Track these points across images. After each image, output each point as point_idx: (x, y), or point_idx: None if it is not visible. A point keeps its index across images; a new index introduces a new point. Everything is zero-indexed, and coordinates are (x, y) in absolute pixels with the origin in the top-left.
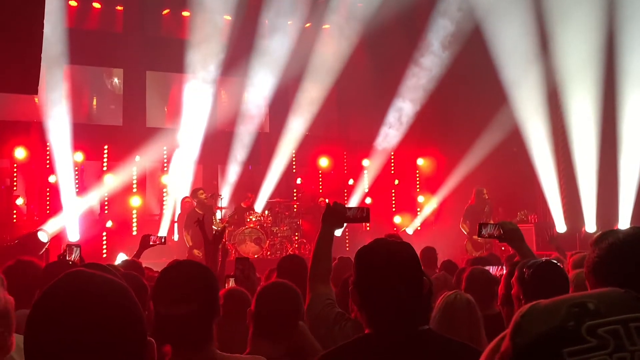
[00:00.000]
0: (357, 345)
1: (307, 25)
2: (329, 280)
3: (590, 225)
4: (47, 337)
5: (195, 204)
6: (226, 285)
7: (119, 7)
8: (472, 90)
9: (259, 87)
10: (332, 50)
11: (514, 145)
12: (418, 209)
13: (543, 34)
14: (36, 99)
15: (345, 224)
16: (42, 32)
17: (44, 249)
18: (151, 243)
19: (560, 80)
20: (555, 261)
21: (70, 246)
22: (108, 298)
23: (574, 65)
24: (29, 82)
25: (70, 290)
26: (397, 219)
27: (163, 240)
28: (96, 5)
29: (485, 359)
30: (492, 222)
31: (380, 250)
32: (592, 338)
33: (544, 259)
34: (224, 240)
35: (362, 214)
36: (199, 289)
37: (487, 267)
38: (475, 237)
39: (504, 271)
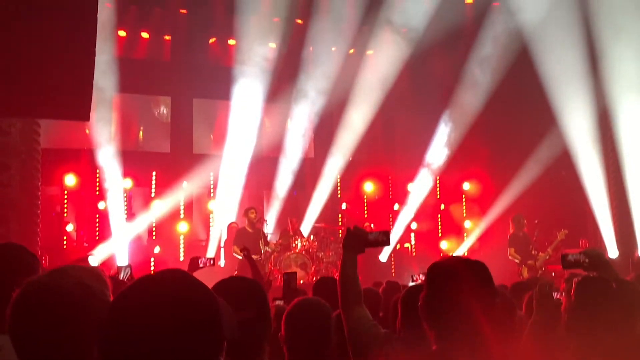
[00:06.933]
0: None
1: (351, 51)
2: (362, 302)
3: None
4: (123, 332)
5: (246, 222)
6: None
7: (166, 37)
8: (519, 113)
9: (304, 112)
10: (376, 75)
11: (563, 169)
12: (465, 234)
13: (593, 54)
14: (87, 129)
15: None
16: (94, 62)
17: None
18: (201, 265)
19: (610, 102)
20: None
21: (120, 267)
22: (193, 299)
23: (625, 86)
24: (81, 109)
25: (158, 287)
26: (444, 244)
27: (212, 262)
28: (144, 35)
29: None
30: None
31: (452, 267)
32: None
33: (594, 274)
34: (269, 267)
35: (383, 238)
36: (252, 299)
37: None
38: (529, 262)
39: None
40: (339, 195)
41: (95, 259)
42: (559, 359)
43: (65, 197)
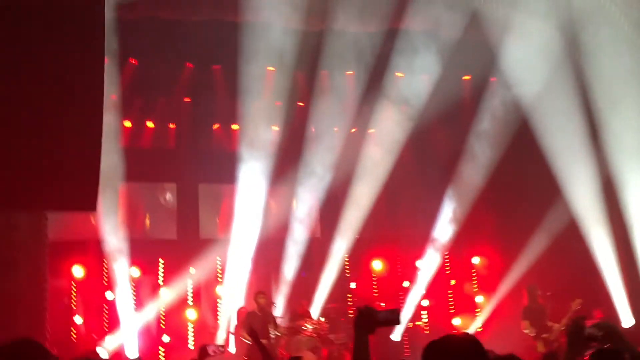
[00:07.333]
0: None
1: (353, 130)
2: None
3: None
4: None
5: (256, 306)
6: None
7: (171, 125)
8: (524, 185)
9: (309, 192)
10: (379, 153)
11: (572, 239)
12: (477, 309)
13: (592, 124)
14: (93, 220)
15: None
16: (100, 152)
17: None
18: (211, 353)
19: (614, 169)
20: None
21: None
22: None
23: (627, 152)
24: (88, 200)
25: None
26: (456, 321)
27: (222, 349)
28: (149, 124)
29: None
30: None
31: (447, 345)
32: None
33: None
34: (280, 352)
35: (393, 317)
36: None
37: None
38: (544, 335)
39: None
40: (347, 275)
41: (104, 351)
42: None
43: (73, 288)
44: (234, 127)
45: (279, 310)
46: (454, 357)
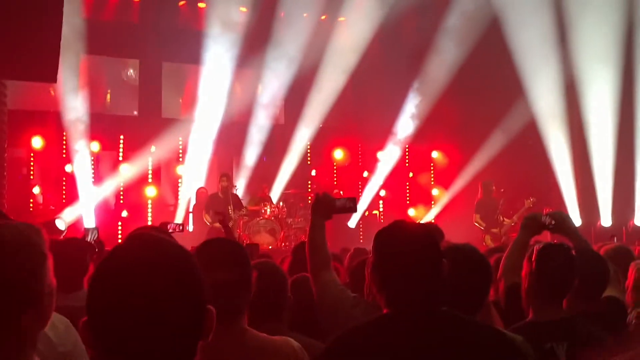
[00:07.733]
0: (375, 324)
1: (323, 17)
2: (331, 267)
3: (606, 219)
4: (109, 296)
5: (219, 188)
6: None
7: None
8: (488, 83)
9: (275, 78)
10: (348, 43)
11: (530, 138)
12: (432, 202)
13: (561, 25)
14: (52, 91)
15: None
16: (61, 22)
17: (62, 237)
18: (170, 231)
19: (578, 72)
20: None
21: (87, 229)
22: (172, 261)
23: (592, 56)
24: (48, 71)
25: (138, 252)
26: (412, 212)
27: (181, 227)
28: None
29: None
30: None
31: (398, 231)
32: None
33: (555, 242)
34: (238, 233)
35: (350, 204)
36: (235, 261)
37: None
38: (493, 229)
39: None
40: (308, 162)
41: (63, 221)
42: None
43: (32, 159)
44: (201, 5)
45: (239, 192)
46: (404, 243)
